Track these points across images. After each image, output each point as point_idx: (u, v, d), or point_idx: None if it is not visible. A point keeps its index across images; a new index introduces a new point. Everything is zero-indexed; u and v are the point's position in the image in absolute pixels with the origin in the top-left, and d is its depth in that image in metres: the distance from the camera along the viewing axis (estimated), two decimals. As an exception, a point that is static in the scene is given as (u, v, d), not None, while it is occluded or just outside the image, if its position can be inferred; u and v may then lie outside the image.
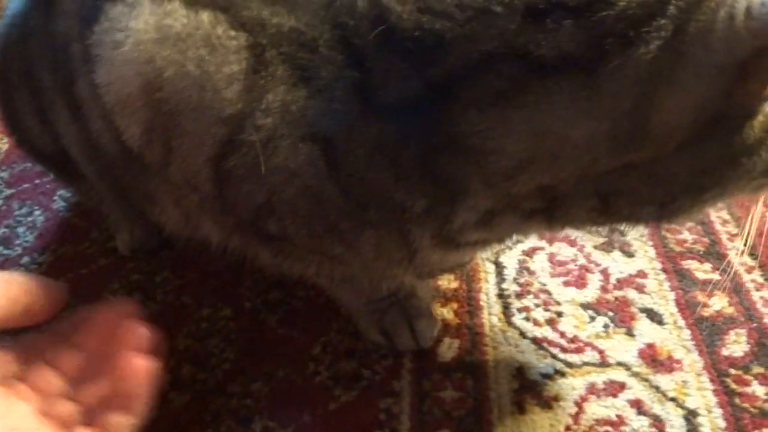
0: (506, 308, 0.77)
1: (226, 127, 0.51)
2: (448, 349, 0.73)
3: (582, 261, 0.82)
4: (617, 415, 0.65)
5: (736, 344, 0.71)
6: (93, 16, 0.57)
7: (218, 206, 0.58)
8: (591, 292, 0.78)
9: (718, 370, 0.69)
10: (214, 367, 0.73)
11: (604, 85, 0.43)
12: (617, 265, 0.81)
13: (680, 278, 0.79)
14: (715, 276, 0.78)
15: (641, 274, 0.80)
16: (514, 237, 0.69)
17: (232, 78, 0.50)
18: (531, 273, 0.81)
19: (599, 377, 0.69)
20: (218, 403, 0.69)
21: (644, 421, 0.65)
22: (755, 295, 0.76)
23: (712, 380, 0.68)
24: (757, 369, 0.69)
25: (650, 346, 0.72)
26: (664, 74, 0.42)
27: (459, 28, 0.46)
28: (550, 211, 0.51)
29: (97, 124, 0.63)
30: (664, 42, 0.41)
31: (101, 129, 0.63)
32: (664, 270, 0.80)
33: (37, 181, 1.00)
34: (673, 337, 0.72)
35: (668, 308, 0.75)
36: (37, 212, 0.95)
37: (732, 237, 0.84)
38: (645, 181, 0.47)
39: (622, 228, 0.56)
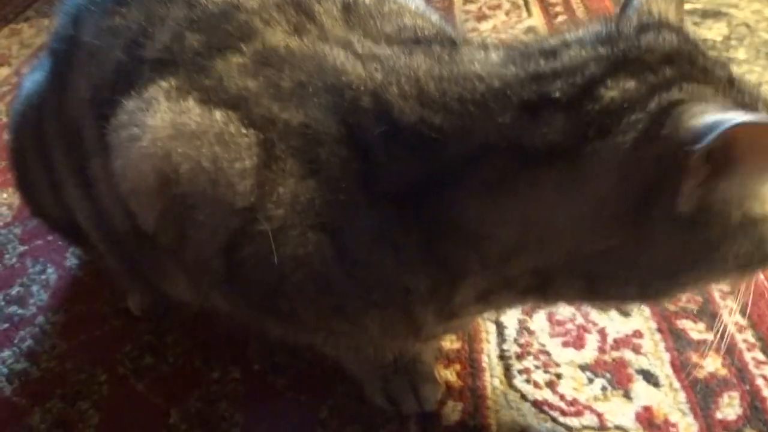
0: (507, 370, 0.79)
1: (239, 219, 0.54)
2: (452, 412, 0.75)
3: (580, 320, 0.85)
4: (616, 481, 0.68)
5: (730, 407, 0.73)
6: (108, 109, 0.60)
7: (229, 287, 0.61)
8: (589, 353, 0.81)
9: (712, 433, 0.71)
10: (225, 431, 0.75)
11: (585, 170, 0.47)
12: (614, 324, 0.84)
13: (675, 338, 0.81)
14: (709, 336, 0.81)
15: (637, 334, 0.82)
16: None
17: (244, 173, 0.53)
18: (531, 333, 0.84)
19: (598, 441, 0.71)
20: (229, 469, 0.71)
21: (642, 486, 0.67)
22: (747, 356, 0.79)
23: (707, 444, 0.70)
24: (750, 432, 0.71)
25: (647, 409, 0.74)
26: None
27: (458, 121, 0.50)
28: (543, 289, 0.55)
29: (109, 204, 0.66)
30: (639, 134, 0.45)
31: (114, 208, 0.66)
32: (660, 330, 0.83)
33: (49, 238, 1.03)
34: (669, 400, 0.75)
35: (664, 370, 0.78)
36: (50, 270, 0.98)
37: (724, 295, 0.86)
38: (622, 264, 0.50)
39: (616, 304, 0.59)
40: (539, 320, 0.85)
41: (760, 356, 0.78)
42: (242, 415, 0.76)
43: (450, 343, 0.83)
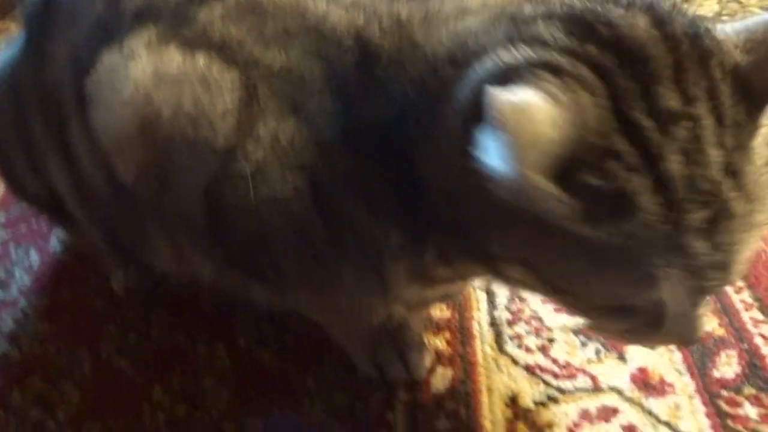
0: (498, 336, 0.77)
1: (219, 159, 0.53)
2: (441, 379, 0.73)
3: (572, 286, 0.83)
4: (611, 441, 0.66)
5: (727, 366, 0.71)
6: (88, 63, 0.59)
7: (211, 240, 0.60)
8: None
9: (710, 392, 0.69)
10: (210, 407, 0.73)
11: None
12: (607, 289, 0.82)
13: (670, 300, 0.79)
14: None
15: (631, 297, 0.80)
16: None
17: (225, 113, 0.53)
18: (522, 300, 0.81)
19: (592, 403, 0.69)
20: (214, 442, 0.69)
21: (638, 446, 0.65)
22: (745, 316, 0.76)
23: (704, 403, 0.68)
24: (749, 390, 0.69)
25: (642, 370, 0.72)
26: None
27: (431, 62, 0.48)
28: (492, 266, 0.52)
29: (89, 165, 0.65)
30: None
31: (94, 170, 0.65)
32: (654, 293, 0.81)
33: (33, 223, 1.01)
34: (665, 361, 0.73)
35: (659, 331, 0.76)
36: (33, 254, 0.96)
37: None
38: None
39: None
40: (531, 287, 0.83)
41: (759, 316, 0.76)
42: (228, 390, 0.75)
43: (440, 311, 0.81)
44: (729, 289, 0.80)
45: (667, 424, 0.66)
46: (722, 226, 0.40)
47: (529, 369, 0.73)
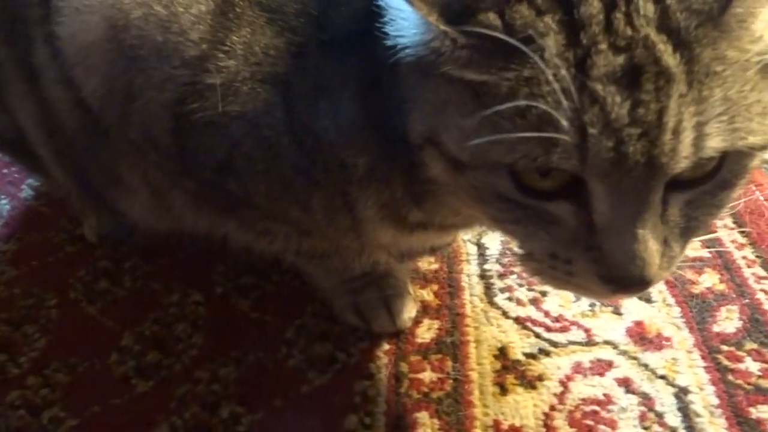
0: (488, 288, 0.73)
1: (189, 70, 0.50)
2: (428, 330, 0.69)
3: (567, 241, 0.79)
4: (604, 394, 0.62)
5: (728, 321, 0.68)
6: None
7: (180, 167, 0.56)
8: (576, 271, 0.75)
9: (709, 347, 0.66)
10: (181, 353, 0.69)
11: None
12: (604, 244, 0.78)
13: (669, 256, 0.76)
14: (704, 253, 0.75)
15: (629, 252, 0.77)
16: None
17: (199, 18, 0.49)
18: (515, 254, 0.78)
19: (585, 356, 0.66)
20: (184, 390, 0.65)
21: (633, 399, 0.61)
22: (747, 272, 0.73)
23: (703, 357, 0.65)
24: (750, 345, 0.65)
25: (638, 324, 0.68)
26: None
27: None
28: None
29: (55, 91, 0.61)
30: None
31: (60, 96, 0.61)
32: (653, 248, 0.77)
33: (5, 171, 0.96)
34: (662, 315, 0.69)
35: (657, 286, 0.72)
36: (4, 201, 0.91)
37: (722, 215, 0.81)
38: None
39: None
40: (524, 241, 0.79)
41: (761, 272, 0.73)
42: (201, 337, 0.71)
43: (428, 264, 0.77)
44: (731, 246, 0.77)
45: (664, 379, 0.63)
46: (648, 84, 0.35)
47: (519, 321, 0.70)
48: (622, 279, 0.39)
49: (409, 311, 0.70)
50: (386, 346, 0.68)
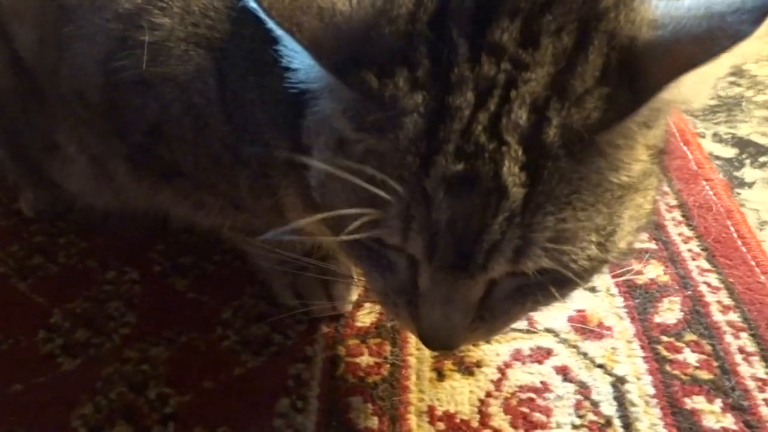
0: (433, 274, 0.72)
1: (122, 24, 0.48)
2: (368, 314, 0.68)
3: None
4: (542, 382, 0.61)
5: (670, 312, 0.68)
6: None
7: (110, 126, 0.55)
8: (523, 259, 0.74)
9: (649, 337, 0.65)
10: (112, 332, 0.66)
11: None
12: (552, 233, 0.78)
13: (616, 247, 0.75)
14: (651, 245, 0.75)
15: (576, 242, 0.76)
16: None
17: None
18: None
19: (525, 343, 0.65)
20: (111, 369, 0.63)
21: (570, 387, 0.61)
22: (691, 264, 0.73)
23: (642, 347, 0.64)
24: (690, 336, 0.65)
25: (581, 312, 0.68)
26: None
27: None
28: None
29: None
30: None
31: None
32: (600, 239, 0.76)
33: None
34: (605, 305, 0.69)
35: (601, 276, 0.72)
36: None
37: (670, 208, 0.81)
38: None
39: None
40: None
41: (705, 265, 0.73)
42: (134, 315, 0.68)
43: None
44: (676, 238, 0.76)
45: (602, 367, 0.62)
46: (477, 198, 0.34)
47: (462, 307, 0.68)
48: (428, 340, 0.42)
49: (350, 294, 0.68)
50: (325, 329, 0.67)
